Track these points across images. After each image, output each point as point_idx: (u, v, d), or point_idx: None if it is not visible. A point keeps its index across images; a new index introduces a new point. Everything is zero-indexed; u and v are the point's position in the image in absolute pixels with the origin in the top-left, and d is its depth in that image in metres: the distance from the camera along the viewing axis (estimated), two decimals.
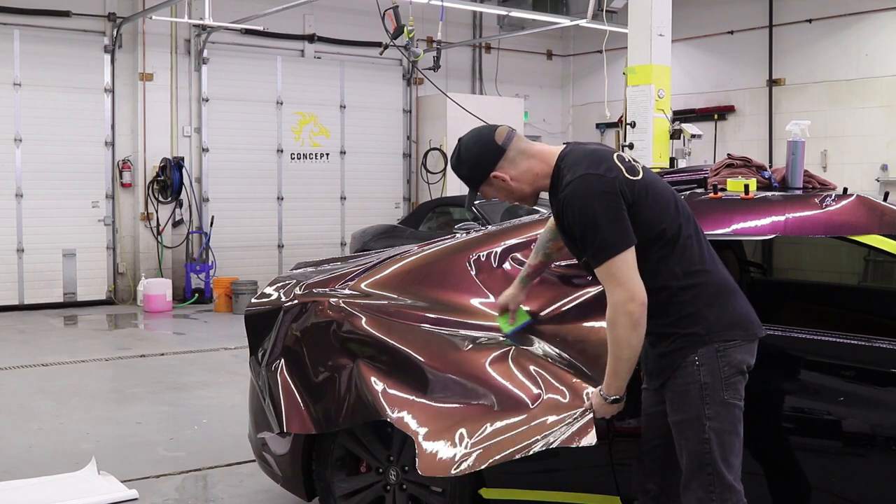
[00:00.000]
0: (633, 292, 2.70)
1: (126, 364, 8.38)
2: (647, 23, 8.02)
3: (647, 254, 2.77)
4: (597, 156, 2.81)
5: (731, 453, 2.77)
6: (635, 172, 2.82)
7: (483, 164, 2.91)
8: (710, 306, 2.80)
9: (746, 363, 2.82)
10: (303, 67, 13.80)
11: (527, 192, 2.95)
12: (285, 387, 3.65)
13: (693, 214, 2.94)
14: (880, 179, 12.47)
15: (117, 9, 12.24)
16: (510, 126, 3.00)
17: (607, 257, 2.70)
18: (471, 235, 3.91)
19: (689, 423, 2.77)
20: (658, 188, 2.85)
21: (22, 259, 11.83)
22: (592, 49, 14.91)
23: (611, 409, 2.90)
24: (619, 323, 2.72)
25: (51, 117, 11.87)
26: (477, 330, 3.45)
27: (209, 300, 12.35)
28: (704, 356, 2.77)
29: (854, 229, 3.26)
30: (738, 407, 2.79)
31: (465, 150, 2.95)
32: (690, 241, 2.84)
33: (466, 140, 2.98)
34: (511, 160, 2.90)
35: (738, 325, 2.82)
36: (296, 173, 13.77)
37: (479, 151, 2.92)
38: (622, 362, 2.79)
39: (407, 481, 3.63)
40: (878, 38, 12.57)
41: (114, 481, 4.81)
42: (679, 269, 2.80)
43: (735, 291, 2.88)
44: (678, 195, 2.95)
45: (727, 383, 2.77)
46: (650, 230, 2.77)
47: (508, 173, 2.91)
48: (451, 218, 11.02)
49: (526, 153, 2.92)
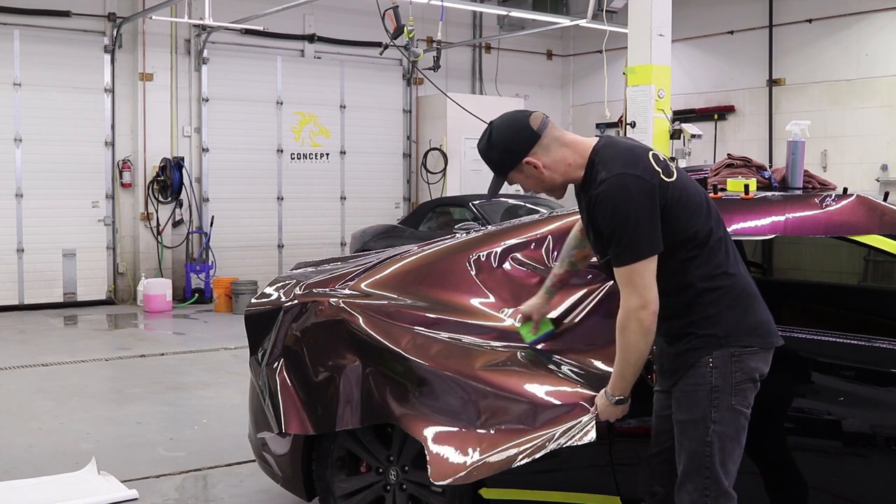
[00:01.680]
0: (647, 301, 2.69)
1: (126, 364, 8.38)
2: (647, 23, 8.01)
3: (675, 254, 2.75)
4: (633, 154, 2.75)
5: (731, 460, 2.76)
6: (670, 174, 2.76)
7: (516, 149, 2.83)
8: (731, 309, 2.77)
9: (760, 371, 2.80)
10: (303, 67, 13.80)
11: (557, 182, 2.87)
12: (284, 387, 3.65)
13: (722, 220, 2.89)
14: (880, 179, 12.47)
15: (117, 9, 12.24)
16: (544, 113, 2.92)
17: (631, 261, 2.68)
18: (471, 235, 3.91)
19: (694, 423, 2.77)
20: (690, 190, 2.80)
21: (22, 259, 11.83)
22: (592, 49, 14.91)
23: (615, 410, 2.90)
24: (629, 328, 2.73)
25: (51, 117, 11.87)
26: (477, 330, 3.45)
27: (209, 300, 12.35)
28: (719, 359, 2.75)
29: (854, 229, 3.26)
30: (744, 415, 2.77)
31: (498, 134, 2.86)
32: (720, 244, 2.80)
33: (499, 123, 2.89)
34: (545, 147, 2.82)
35: (757, 332, 2.80)
36: (296, 173, 13.78)
37: (512, 136, 2.84)
38: (629, 366, 2.80)
39: (407, 481, 3.63)
40: (878, 38, 12.57)
41: (114, 481, 4.81)
42: (705, 270, 2.77)
43: (757, 298, 2.85)
44: (707, 196, 2.89)
45: (737, 389, 2.75)
46: (681, 233, 2.74)
47: (541, 160, 2.82)
48: (451, 218, 11.02)
49: (560, 141, 2.84)
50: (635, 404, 2.94)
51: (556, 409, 3.08)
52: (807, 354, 3.13)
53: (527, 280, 3.59)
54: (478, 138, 3.02)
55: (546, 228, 3.69)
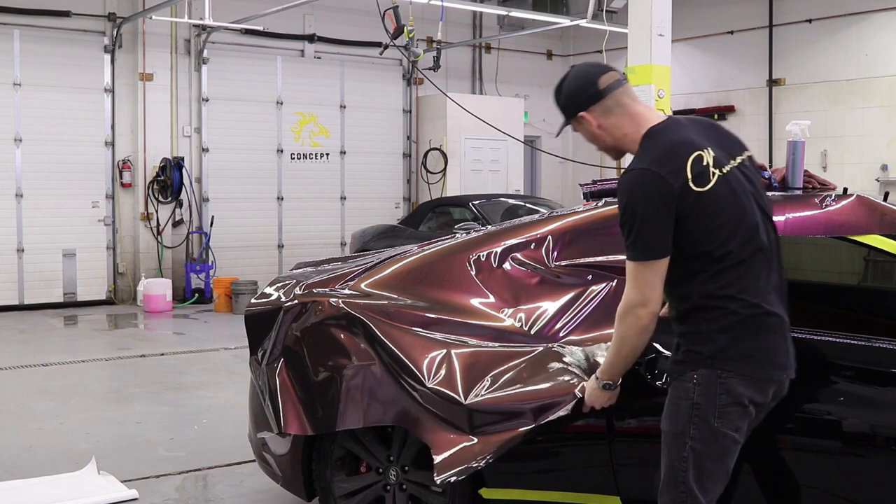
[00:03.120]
0: (648, 300, 2.66)
1: (126, 364, 8.37)
2: (647, 23, 8.01)
3: (686, 262, 2.69)
4: (672, 151, 2.67)
5: (709, 479, 2.69)
6: (703, 183, 2.64)
7: (577, 100, 2.82)
8: (724, 333, 2.67)
9: (749, 398, 2.68)
10: (303, 67, 13.81)
11: (608, 144, 2.85)
12: (284, 387, 3.65)
13: (766, 244, 2.74)
14: (880, 179, 12.47)
15: (117, 9, 12.24)
16: (622, 74, 2.87)
17: (635, 258, 2.67)
18: (471, 235, 3.91)
19: (673, 436, 2.73)
20: (724, 207, 2.66)
21: (22, 259, 11.83)
22: (592, 49, 14.90)
23: (602, 395, 2.90)
24: (626, 321, 2.72)
25: (51, 117, 11.87)
26: (477, 330, 3.45)
27: (209, 300, 12.35)
28: (704, 377, 2.68)
29: (854, 229, 3.26)
30: (728, 437, 2.67)
31: (569, 81, 2.86)
32: (739, 267, 2.67)
33: (575, 71, 2.89)
34: (606, 108, 2.80)
35: (752, 360, 2.67)
36: (296, 173, 13.78)
37: (577, 87, 2.83)
38: (619, 356, 2.80)
39: (407, 481, 3.63)
40: (878, 38, 12.57)
41: (114, 481, 4.81)
42: (708, 288, 2.68)
43: (767, 329, 2.71)
44: (757, 219, 2.73)
45: (721, 411, 2.66)
46: (693, 246, 2.66)
47: (598, 119, 2.81)
48: (451, 218, 11.03)
49: (624, 107, 2.80)
50: (636, 404, 2.94)
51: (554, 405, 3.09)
52: (806, 354, 3.13)
53: (527, 280, 3.59)
54: (478, 138, 3.01)
55: (546, 228, 3.69)
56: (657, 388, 3.08)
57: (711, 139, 2.78)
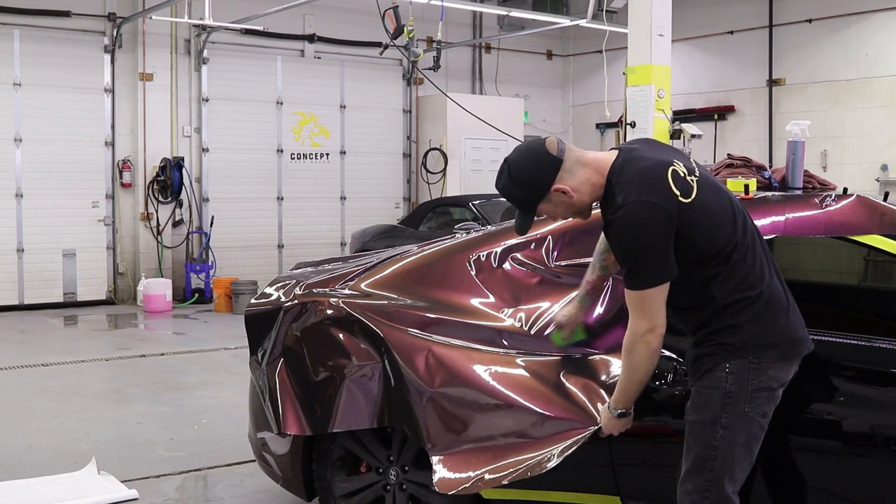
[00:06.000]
0: (655, 325, 2.70)
1: (126, 364, 8.37)
2: (647, 23, 8.00)
3: (697, 271, 2.71)
4: (650, 176, 2.66)
5: (737, 466, 2.74)
6: (689, 193, 2.67)
7: (541, 179, 2.73)
8: (752, 322, 2.73)
9: (779, 380, 2.75)
10: (303, 67, 13.81)
11: (586, 203, 2.80)
12: (284, 387, 3.64)
13: (752, 224, 2.83)
14: (880, 179, 12.47)
15: (117, 9, 12.24)
16: (558, 137, 2.84)
17: (642, 287, 2.67)
18: (471, 235, 3.91)
19: (703, 426, 2.76)
20: (713, 205, 2.72)
21: (22, 259, 11.83)
22: (592, 49, 14.91)
23: (618, 423, 2.94)
24: (636, 350, 2.74)
25: (51, 117, 11.87)
26: (477, 330, 3.45)
27: (209, 300, 12.35)
28: (736, 366, 2.73)
29: (854, 229, 3.26)
30: (756, 423, 2.74)
31: (518, 169, 2.76)
32: (745, 256, 2.73)
33: (515, 158, 2.79)
34: (569, 171, 2.74)
35: (780, 343, 2.75)
36: (296, 173, 13.78)
37: (534, 167, 2.74)
38: (633, 384, 2.82)
39: (407, 481, 3.63)
40: (878, 38, 12.57)
41: (114, 481, 4.81)
42: (728, 286, 2.72)
43: (785, 308, 2.79)
44: (736, 203, 2.81)
45: (752, 396, 2.72)
46: (701, 251, 2.70)
47: (569, 185, 2.74)
48: (451, 218, 11.02)
49: (581, 162, 2.75)
50: (635, 404, 2.94)
51: (561, 424, 3.11)
52: (807, 354, 3.12)
53: (527, 280, 3.59)
54: (478, 138, 2.99)
55: (546, 228, 3.68)
56: (657, 388, 3.08)
57: (667, 152, 2.81)
